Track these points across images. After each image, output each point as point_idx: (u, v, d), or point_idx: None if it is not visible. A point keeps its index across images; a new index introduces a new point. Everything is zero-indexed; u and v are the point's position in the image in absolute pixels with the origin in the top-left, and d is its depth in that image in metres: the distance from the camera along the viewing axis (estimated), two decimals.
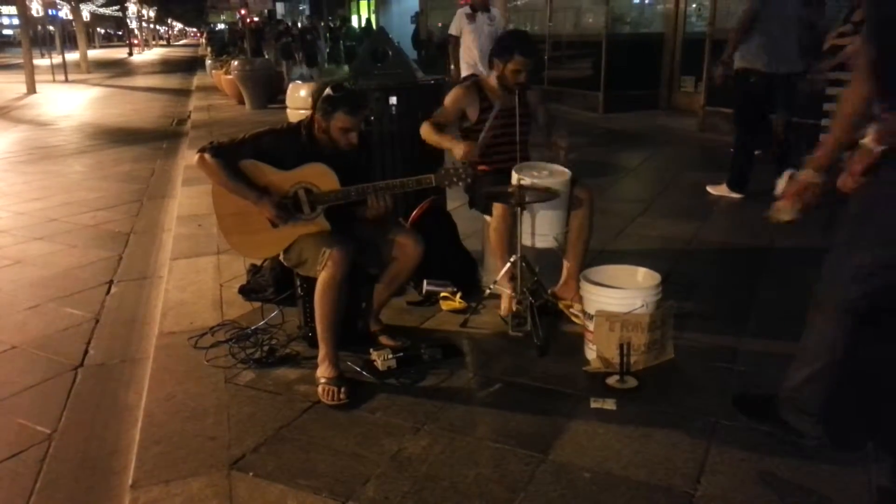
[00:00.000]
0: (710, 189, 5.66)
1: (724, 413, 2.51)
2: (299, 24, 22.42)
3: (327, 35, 19.39)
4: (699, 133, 8.08)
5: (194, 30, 78.47)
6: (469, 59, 6.81)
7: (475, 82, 3.55)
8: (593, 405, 2.58)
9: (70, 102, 15.55)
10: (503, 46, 3.41)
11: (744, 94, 5.42)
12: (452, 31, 6.94)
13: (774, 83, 5.23)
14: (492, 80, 3.50)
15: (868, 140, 2.03)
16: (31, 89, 16.94)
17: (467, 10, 6.83)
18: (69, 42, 34.72)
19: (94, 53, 37.47)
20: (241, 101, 12.40)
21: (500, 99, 3.47)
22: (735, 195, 5.49)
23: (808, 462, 2.24)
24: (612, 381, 2.72)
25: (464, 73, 6.77)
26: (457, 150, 3.19)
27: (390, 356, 2.87)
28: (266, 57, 14.56)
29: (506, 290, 3.29)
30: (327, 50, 17.34)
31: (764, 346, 3.04)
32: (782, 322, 3.27)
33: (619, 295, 2.84)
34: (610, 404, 2.57)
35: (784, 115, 5.41)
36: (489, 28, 6.74)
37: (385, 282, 3.06)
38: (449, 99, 3.48)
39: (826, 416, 2.28)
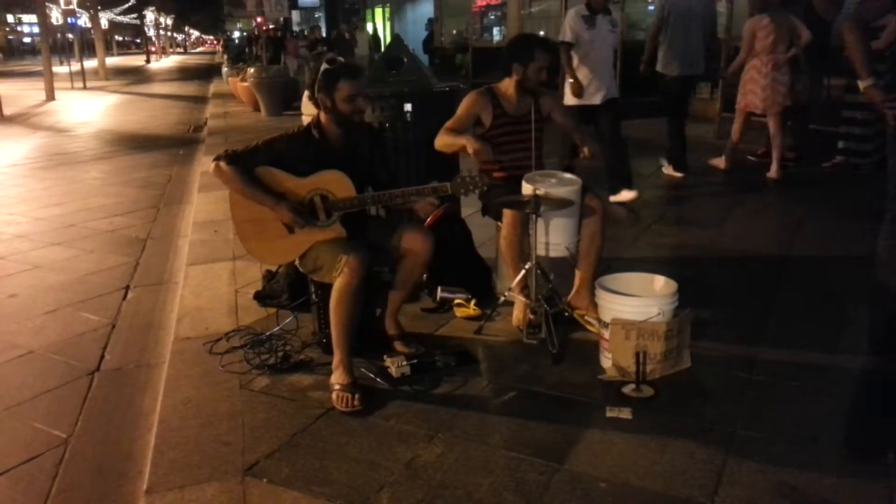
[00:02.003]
0: (664, 170, 6.47)
1: (742, 423, 2.49)
2: (331, 33, 22.46)
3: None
4: (715, 140, 8.03)
5: (211, 38, 79.25)
6: (580, 73, 5.36)
7: (488, 89, 3.55)
8: (609, 414, 2.56)
9: (88, 109, 15.72)
10: (520, 50, 3.43)
11: (662, 93, 6.46)
12: (567, 37, 5.36)
13: (683, 83, 6.26)
14: (506, 86, 3.49)
15: None
16: (51, 96, 17.16)
17: (583, 10, 5.39)
18: (87, 50, 35.15)
19: (112, 61, 37.89)
20: (257, 109, 12.49)
21: (513, 105, 3.47)
22: (678, 174, 6.34)
23: (828, 474, 2.20)
24: (627, 389, 2.70)
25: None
26: (470, 145, 3.19)
27: (404, 363, 2.87)
28: (286, 65, 14.61)
29: (520, 298, 3.27)
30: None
31: (782, 356, 3.00)
32: (801, 331, 3.24)
33: (634, 303, 2.82)
34: (626, 413, 2.55)
35: (672, 113, 6.46)
36: (612, 35, 5.52)
37: (398, 283, 3.06)
38: (462, 106, 3.48)
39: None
